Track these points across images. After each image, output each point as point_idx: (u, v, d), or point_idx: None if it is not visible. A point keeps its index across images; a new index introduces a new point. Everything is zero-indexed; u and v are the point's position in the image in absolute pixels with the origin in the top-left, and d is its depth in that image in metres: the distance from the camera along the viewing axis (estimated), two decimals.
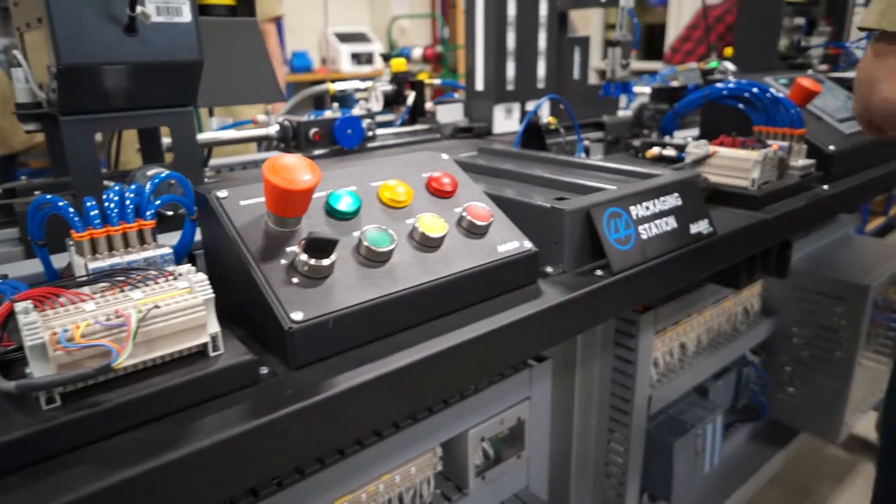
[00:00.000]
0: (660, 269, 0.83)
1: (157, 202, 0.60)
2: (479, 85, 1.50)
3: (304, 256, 0.60)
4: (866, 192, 1.29)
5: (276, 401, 0.53)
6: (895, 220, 4.67)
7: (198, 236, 0.67)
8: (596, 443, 1.54)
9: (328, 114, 1.33)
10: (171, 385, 0.51)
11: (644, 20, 7.79)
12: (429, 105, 1.72)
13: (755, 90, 1.19)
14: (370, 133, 1.33)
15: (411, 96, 1.54)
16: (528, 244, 0.75)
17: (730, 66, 1.68)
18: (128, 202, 0.58)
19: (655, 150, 1.33)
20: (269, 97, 0.95)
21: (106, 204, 0.57)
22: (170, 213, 0.78)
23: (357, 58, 7.78)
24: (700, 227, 0.91)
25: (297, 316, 0.57)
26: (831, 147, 1.23)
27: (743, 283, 1.17)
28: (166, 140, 0.89)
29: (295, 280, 0.60)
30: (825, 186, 1.20)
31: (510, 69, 1.47)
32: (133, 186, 0.59)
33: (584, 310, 0.75)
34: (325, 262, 0.61)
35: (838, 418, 1.87)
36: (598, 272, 0.78)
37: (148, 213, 0.59)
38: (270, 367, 0.58)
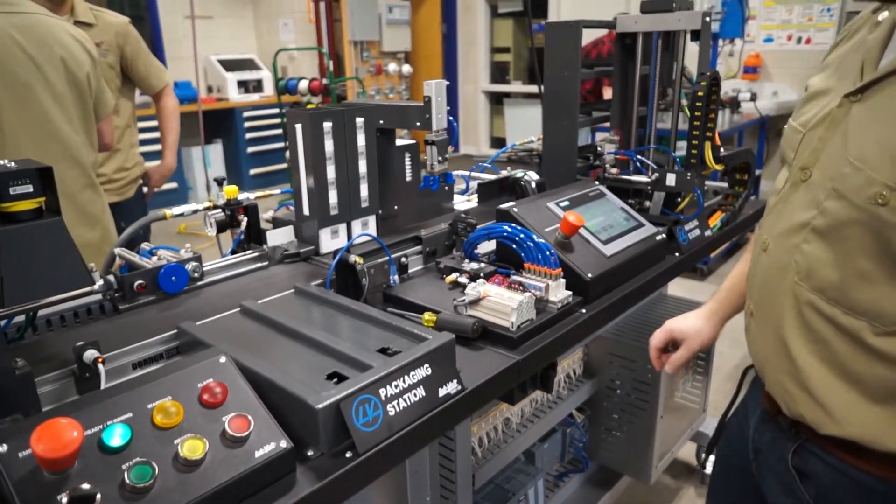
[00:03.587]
0: (406, 437, 1.03)
1: None
2: (306, 210, 1.66)
3: None
4: (621, 307, 1.55)
5: None
6: (742, 238, 5.23)
7: None
8: None
9: (154, 259, 1.45)
10: None
11: (528, 43, 8.27)
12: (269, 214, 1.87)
13: (523, 236, 1.42)
14: (196, 274, 1.46)
15: (244, 221, 1.68)
16: (283, 443, 0.92)
17: (533, 175, 1.93)
18: None
19: (454, 276, 1.54)
20: (76, 285, 1.08)
21: None
22: None
23: (244, 85, 7.72)
24: (449, 388, 1.11)
25: None
26: (590, 275, 1.48)
27: (517, 399, 1.41)
28: None
29: None
30: (583, 310, 1.45)
31: (332, 196, 1.64)
32: None
33: (333, 491, 0.93)
34: None
35: (648, 464, 2.17)
36: (349, 454, 0.97)
37: None
38: None
